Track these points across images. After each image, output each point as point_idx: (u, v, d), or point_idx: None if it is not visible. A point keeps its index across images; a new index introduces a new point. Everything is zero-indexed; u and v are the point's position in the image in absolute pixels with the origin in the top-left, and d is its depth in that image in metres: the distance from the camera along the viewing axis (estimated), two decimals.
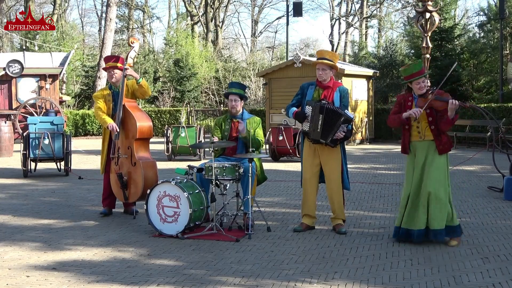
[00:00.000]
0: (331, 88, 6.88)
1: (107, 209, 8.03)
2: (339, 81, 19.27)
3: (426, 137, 6.22)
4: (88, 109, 28.54)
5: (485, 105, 19.82)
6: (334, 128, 6.62)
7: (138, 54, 8.84)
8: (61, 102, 22.80)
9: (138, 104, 8.09)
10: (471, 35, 28.70)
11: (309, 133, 6.75)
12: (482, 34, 28.21)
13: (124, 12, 47.14)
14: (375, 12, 44.43)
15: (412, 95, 6.34)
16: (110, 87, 7.98)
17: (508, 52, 24.14)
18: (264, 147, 7.52)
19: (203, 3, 42.66)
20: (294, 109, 6.98)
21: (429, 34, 20.93)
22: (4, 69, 21.06)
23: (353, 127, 6.89)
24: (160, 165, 8.42)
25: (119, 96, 7.71)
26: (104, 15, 41.60)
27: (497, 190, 9.69)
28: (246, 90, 8.26)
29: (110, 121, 7.67)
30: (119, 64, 7.88)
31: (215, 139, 7.12)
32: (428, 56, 20.79)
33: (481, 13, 30.28)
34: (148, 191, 6.76)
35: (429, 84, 6.23)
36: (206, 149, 14.96)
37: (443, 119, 6.17)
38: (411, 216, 6.23)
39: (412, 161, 6.32)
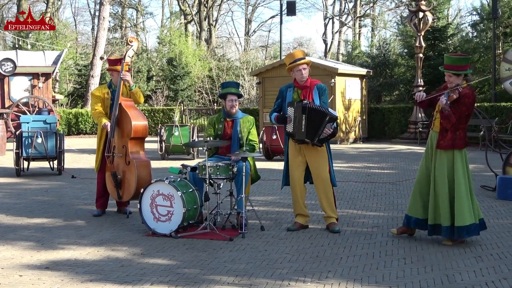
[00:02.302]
0: (309, 87, 6.90)
1: (101, 211, 8.00)
2: (332, 80, 19.38)
3: (435, 128, 6.27)
4: (81, 108, 28.45)
5: (478, 104, 19.89)
6: (320, 127, 6.65)
7: (136, 53, 8.84)
8: (54, 101, 22.72)
9: None
10: (464, 35, 28.78)
11: (294, 134, 6.78)
12: (475, 34, 28.29)
13: (117, 11, 47.01)
14: (368, 11, 44.49)
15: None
16: (110, 85, 7.95)
17: (500, 51, 24.21)
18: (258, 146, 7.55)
19: (196, 1, 42.60)
20: (275, 114, 7.04)
21: (422, 33, 21.00)
22: None
23: (338, 125, 6.91)
24: (154, 164, 8.41)
25: (116, 95, 7.71)
26: (97, 13, 41.50)
27: (490, 189, 9.73)
28: (240, 89, 8.25)
29: (105, 120, 7.68)
30: (118, 67, 7.87)
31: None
32: (421, 55, 20.88)
33: (474, 13, 30.37)
34: (142, 190, 6.75)
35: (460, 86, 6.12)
36: (199, 148, 14.96)
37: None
38: (414, 204, 6.35)
39: (427, 149, 6.36)
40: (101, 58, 27.68)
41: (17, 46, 28.44)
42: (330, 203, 6.91)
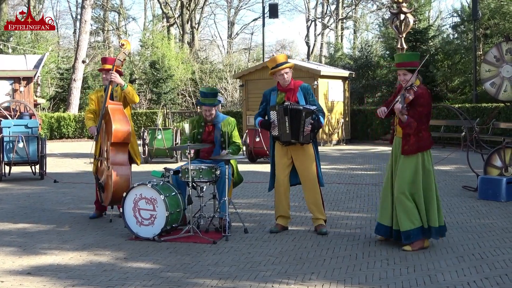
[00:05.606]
0: (292, 89, 6.90)
1: (97, 213, 7.99)
2: (315, 82, 19.44)
3: (398, 134, 6.22)
4: (64, 111, 28.26)
5: (459, 105, 20.05)
6: (300, 125, 6.65)
7: (128, 56, 8.78)
8: (35, 105, 22.51)
9: None
10: (445, 36, 28.97)
11: (280, 136, 6.79)
12: (456, 35, 28.49)
13: (99, 14, 46.80)
14: (350, 13, 44.66)
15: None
16: (105, 88, 7.93)
17: (481, 53, 24.42)
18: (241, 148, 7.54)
19: (179, 4, 42.50)
20: (260, 118, 7.04)
21: (404, 35, 21.10)
22: None
23: (317, 116, 6.86)
24: (137, 167, 8.37)
25: (104, 99, 7.70)
26: (79, 17, 41.25)
27: (472, 189, 9.81)
28: (222, 93, 8.22)
29: (91, 124, 7.81)
30: (107, 66, 7.88)
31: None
32: None
33: (455, 15, 30.57)
34: (124, 194, 6.72)
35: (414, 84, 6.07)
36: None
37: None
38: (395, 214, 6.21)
39: (392, 156, 6.32)
40: (83, 61, 27.50)
41: None
42: (318, 205, 6.90)
